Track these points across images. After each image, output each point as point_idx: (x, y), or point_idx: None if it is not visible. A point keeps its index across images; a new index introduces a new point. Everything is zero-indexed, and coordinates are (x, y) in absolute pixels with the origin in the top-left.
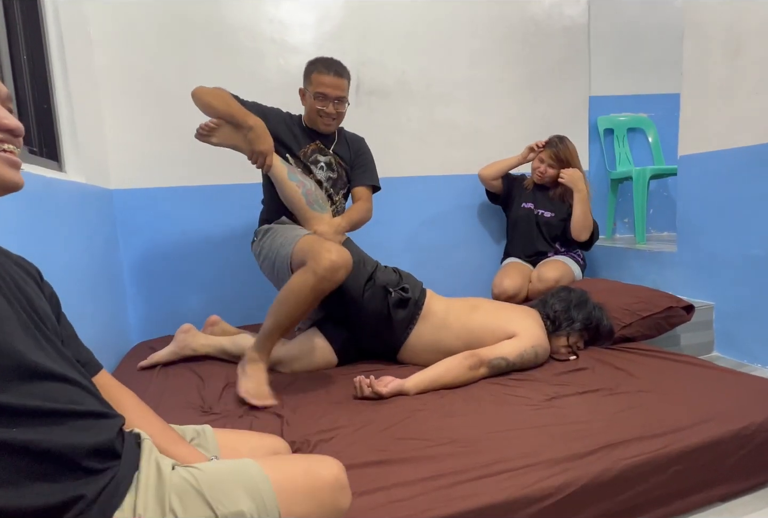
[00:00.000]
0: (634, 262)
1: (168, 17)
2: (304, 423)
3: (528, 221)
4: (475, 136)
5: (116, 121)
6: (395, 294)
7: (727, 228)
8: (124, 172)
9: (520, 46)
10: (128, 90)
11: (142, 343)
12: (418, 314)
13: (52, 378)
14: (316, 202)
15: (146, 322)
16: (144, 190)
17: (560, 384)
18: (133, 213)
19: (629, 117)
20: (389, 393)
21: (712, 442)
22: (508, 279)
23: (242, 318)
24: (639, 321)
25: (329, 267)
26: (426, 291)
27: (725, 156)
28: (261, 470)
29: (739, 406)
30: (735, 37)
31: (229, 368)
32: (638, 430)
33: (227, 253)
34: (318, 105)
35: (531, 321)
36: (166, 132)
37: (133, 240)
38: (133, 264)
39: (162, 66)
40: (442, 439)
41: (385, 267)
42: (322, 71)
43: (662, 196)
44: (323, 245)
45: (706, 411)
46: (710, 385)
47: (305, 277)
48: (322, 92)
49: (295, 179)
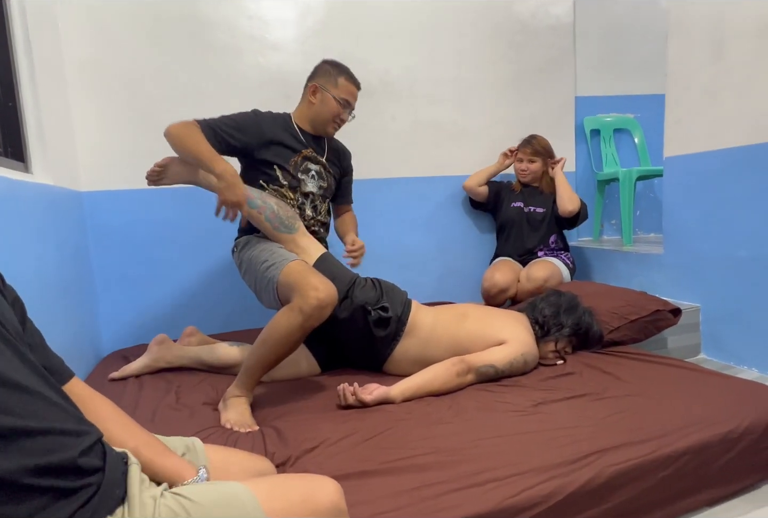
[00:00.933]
0: (621, 264)
1: (142, 11)
2: (287, 434)
3: (519, 219)
4: (461, 136)
5: (87, 120)
6: (374, 313)
7: (713, 229)
8: (95, 173)
9: (506, 46)
10: (100, 87)
11: (115, 353)
12: (402, 330)
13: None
14: (282, 223)
15: (119, 330)
16: (116, 192)
17: (547, 390)
18: (104, 216)
19: (615, 117)
20: (374, 401)
21: (699, 446)
22: (499, 273)
23: (222, 325)
24: (627, 324)
25: (316, 305)
26: (411, 303)
27: (710, 157)
28: (256, 501)
29: (725, 409)
30: (718, 39)
31: (207, 378)
32: (626, 436)
33: (205, 257)
34: (339, 110)
35: (520, 327)
36: (140, 131)
37: (105, 244)
38: (104, 269)
39: (135, 62)
40: (428, 448)
41: (365, 281)
42: (349, 79)
43: (649, 197)
44: (310, 281)
45: (693, 414)
46: (697, 388)
47: (292, 316)
48: (348, 100)
49: (255, 206)
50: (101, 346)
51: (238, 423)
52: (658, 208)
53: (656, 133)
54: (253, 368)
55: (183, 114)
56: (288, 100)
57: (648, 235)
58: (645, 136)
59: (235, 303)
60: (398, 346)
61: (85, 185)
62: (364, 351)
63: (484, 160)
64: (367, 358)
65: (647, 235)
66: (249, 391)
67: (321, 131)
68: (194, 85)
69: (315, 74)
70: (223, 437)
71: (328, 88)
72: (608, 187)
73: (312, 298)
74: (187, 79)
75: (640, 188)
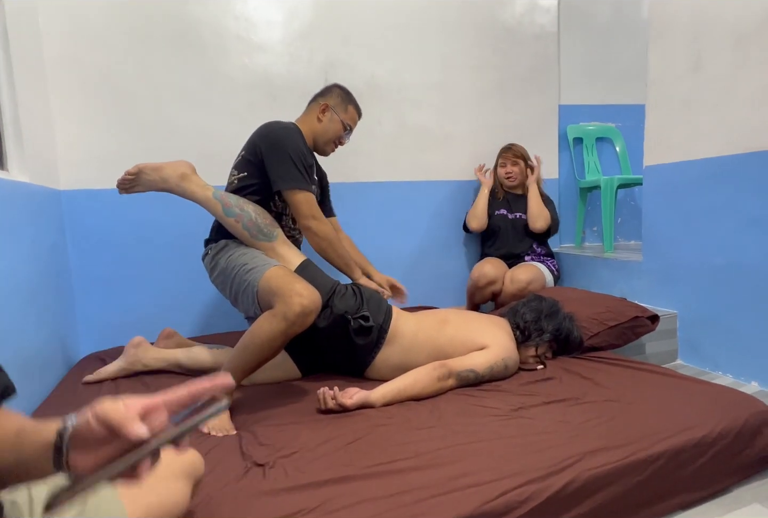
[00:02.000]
0: (602, 271)
1: (126, 9)
2: (265, 438)
3: (504, 226)
4: (446, 141)
5: (67, 118)
6: (355, 322)
7: (690, 237)
8: (74, 171)
9: (491, 52)
10: (81, 85)
11: (91, 355)
12: (384, 338)
13: None
14: (261, 231)
15: (97, 332)
16: (96, 191)
17: (527, 394)
18: (83, 215)
19: (598, 126)
20: (354, 406)
21: (674, 451)
22: (489, 265)
23: (201, 327)
24: (606, 330)
25: (300, 312)
26: (393, 310)
27: (687, 167)
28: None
29: (700, 414)
30: (697, 50)
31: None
32: (603, 440)
33: (185, 258)
34: (342, 133)
35: (501, 332)
36: (122, 129)
37: (83, 244)
38: (82, 270)
39: (118, 60)
40: (408, 453)
41: (346, 289)
42: (356, 109)
43: (630, 205)
44: (294, 287)
45: (668, 419)
46: (673, 394)
47: (275, 322)
48: (352, 127)
49: (232, 214)
50: (78, 348)
51: (216, 427)
52: (638, 216)
53: (637, 142)
54: (232, 372)
55: (166, 113)
56: (274, 101)
57: (629, 242)
58: (626, 145)
59: (215, 305)
60: (379, 354)
61: (64, 184)
62: (344, 358)
63: (468, 166)
64: (348, 365)
65: (628, 242)
66: (228, 395)
67: (320, 149)
68: (178, 85)
69: (326, 94)
70: (198, 441)
71: (338, 111)
72: (590, 195)
73: (296, 305)
74: (170, 79)
75: (621, 196)
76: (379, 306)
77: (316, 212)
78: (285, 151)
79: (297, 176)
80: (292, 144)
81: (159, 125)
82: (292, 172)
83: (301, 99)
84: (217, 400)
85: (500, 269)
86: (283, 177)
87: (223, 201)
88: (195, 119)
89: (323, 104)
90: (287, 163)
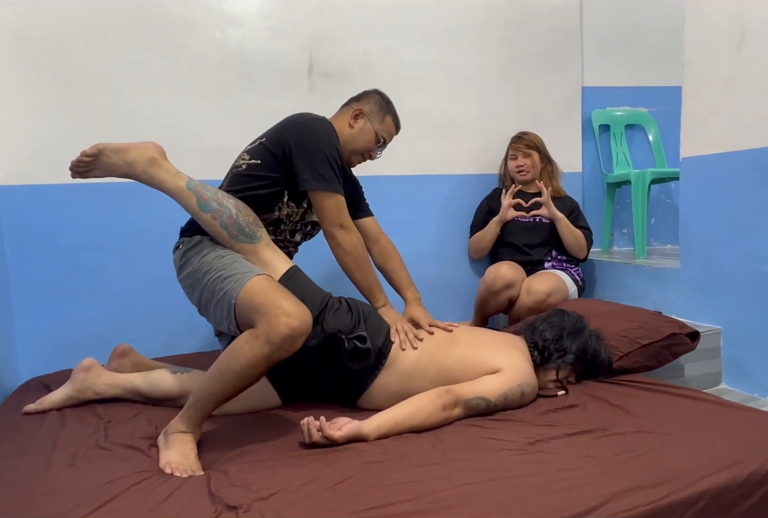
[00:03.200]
0: (633, 280)
1: None
2: (239, 478)
3: (516, 231)
4: (451, 129)
5: (5, 101)
6: (349, 344)
7: (736, 241)
8: (12, 163)
9: (503, 27)
10: (23, 63)
11: (33, 379)
12: (382, 363)
13: None
14: (242, 231)
15: (39, 353)
16: (39, 186)
17: (546, 425)
18: (24, 215)
19: (627, 112)
20: (344, 439)
21: (716, 491)
22: (506, 266)
23: (163, 347)
24: (638, 350)
25: (287, 335)
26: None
27: (731, 159)
28: None
29: (747, 448)
30: (740, 26)
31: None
32: (635, 479)
33: (144, 265)
34: (374, 146)
35: (517, 353)
36: (69, 115)
37: (24, 248)
38: (23, 278)
39: (68, 35)
40: (408, 494)
41: (339, 303)
42: (394, 121)
43: (665, 203)
44: (280, 304)
45: (711, 453)
46: (716, 424)
47: (257, 346)
48: (386, 140)
49: (209, 209)
50: (17, 372)
51: (180, 466)
52: (675, 216)
53: (674, 130)
54: (203, 401)
55: (123, 96)
56: (249, 82)
57: (664, 247)
58: (660, 134)
59: (180, 320)
60: (376, 380)
61: (1, 178)
62: (334, 384)
63: (475, 158)
64: (338, 392)
65: (663, 247)
66: (197, 427)
67: (345, 159)
68: (139, 63)
69: (362, 99)
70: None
71: (373, 120)
72: (619, 191)
73: (282, 326)
74: (130, 56)
75: (654, 192)
76: (379, 326)
77: (345, 220)
78: (319, 147)
79: (331, 177)
80: (327, 140)
81: (114, 110)
82: (326, 171)
83: (280, 80)
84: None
85: (519, 272)
86: (315, 176)
87: (199, 193)
88: (156, 103)
89: (357, 109)
90: (321, 162)
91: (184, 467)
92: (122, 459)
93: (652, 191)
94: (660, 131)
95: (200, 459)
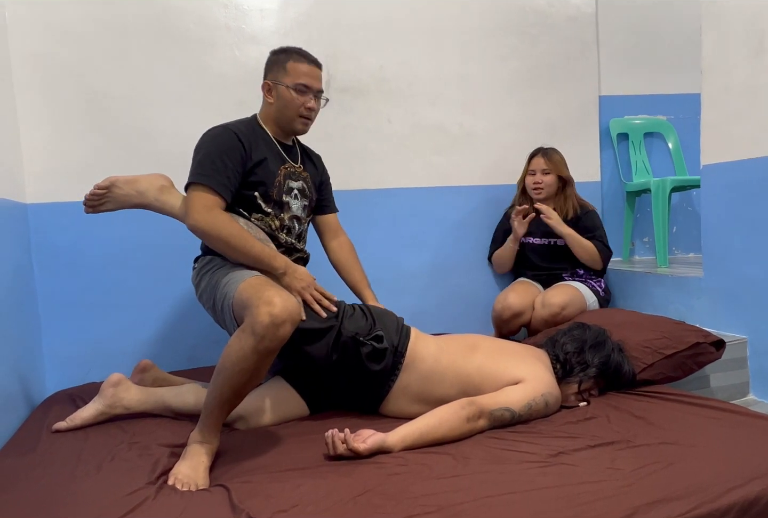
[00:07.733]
0: (655, 289)
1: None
2: (260, 491)
3: (536, 253)
4: (467, 141)
5: (35, 122)
6: (367, 346)
7: (760, 248)
8: (42, 182)
9: (518, 39)
10: (50, 84)
11: (60, 392)
12: (401, 362)
13: None
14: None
15: (66, 366)
16: (68, 204)
17: (568, 437)
18: (53, 232)
19: (646, 120)
20: (368, 451)
21: (745, 503)
22: (514, 294)
23: (185, 360)
24: (662, 360)
25: (269, 323)
26: (410, 331)
27: (753, 165)
28: None
29: None
30: (759, 30)
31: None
32: (660, 491)
33: (167, 281)
34: (300, 99)
35: (539, 364)
36: (96, 135)
37: (52, 265)
38: (50, 294)
39: (92, 57)
40: (429, 507)
41: (353, 309)
42: (299, 59)
43: (687, 211)
44: (264, 295)
45: (738, 466)
46: (744, 435)
47: (242, 339)
48: (304, 83)
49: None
50: (44, 385)
51: (184, 479)
52: (697, 224)
53: (694, 137)
54: (209, 406)
55: (145, 116)
56: None
57: (686, 255)
58: (680, 141)
59: (202, 334)
60: (397, 382)
61: (31, 196)
62: (358, 389)
63: (492, 170)
64: (362, 398)
65: (686, 255)
66: (213, 436)
67: (290, 130)
68: (160, 83)
69: (265, 70)
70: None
71: (278, 79)
72: (639, 199)
73: (263, 315)
74: (151, 76)
75: (675, 200)
76: (393, 325)
77: (203, 207)
78: (197, 152)
79: (195, 170)
80: (201, 144)
81: (137, 129)
82: (193, 167)
83: None
84: None
85: (527, 297)
86: (191, 174)
87: None
88: (178, 121)
89: (264, 83)
90: (194, 161)
91: (188, 480)
92: (145, 470)
93: (673, 199)
94: (680, 138)
95: (222, 471)
